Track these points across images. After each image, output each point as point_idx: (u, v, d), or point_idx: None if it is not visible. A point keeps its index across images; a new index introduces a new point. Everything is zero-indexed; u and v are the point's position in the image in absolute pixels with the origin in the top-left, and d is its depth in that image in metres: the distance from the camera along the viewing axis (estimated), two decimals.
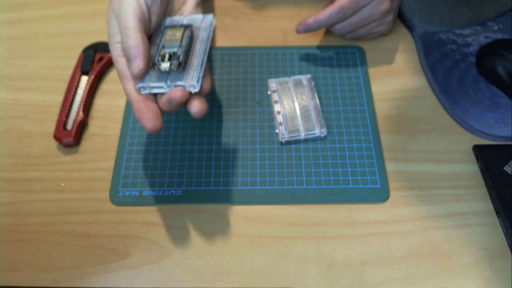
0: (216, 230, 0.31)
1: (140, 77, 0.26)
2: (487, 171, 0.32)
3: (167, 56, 0.26)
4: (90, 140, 0.35)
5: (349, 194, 0.32)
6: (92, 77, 0.37)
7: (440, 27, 0.40)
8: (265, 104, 0.37)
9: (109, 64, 0.39)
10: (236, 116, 0.36)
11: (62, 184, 0.33)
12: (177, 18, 0.30)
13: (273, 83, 0.37)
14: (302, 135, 0.34)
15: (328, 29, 0.40)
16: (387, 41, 0.41)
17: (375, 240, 0.30)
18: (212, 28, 0.29)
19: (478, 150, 0.33)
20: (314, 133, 0.34)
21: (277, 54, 0.40)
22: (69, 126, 0.35)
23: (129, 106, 0.37)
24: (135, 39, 0.26)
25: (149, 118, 0.25)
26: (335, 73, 0.38)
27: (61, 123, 0.35)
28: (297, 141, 0.35)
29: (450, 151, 0.34)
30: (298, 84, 0.37)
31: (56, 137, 0.34)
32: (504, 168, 0.32)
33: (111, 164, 0.34)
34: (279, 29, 0.42)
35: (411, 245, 0.30)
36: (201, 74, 0.27)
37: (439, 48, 0.39)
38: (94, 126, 0.36)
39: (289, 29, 0.42)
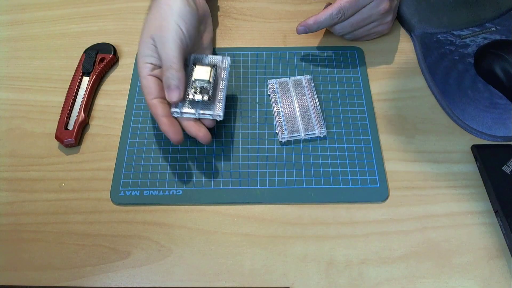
0: (216, 230, 0.31)
1: (175, 104, 0.32)
2: (485, 171, 0.32)
3: (198, 89, 0.32)
4: (91, 140, 0.36)
5: (348, 194, 0.32)
6: (94, 77, 0.38)
7: (438, 28, 0.41)
8: (265, 104, 0.37)
9: (110, 64, 0.40)
10: (236, 116, 0.36)
11: (63, 184, 0.33)
12: (200, 56, 0.35)
13: (273, 84, 0.37)
14: (302, 135, 0.34)
15: (328, 29, 0.40)
16: (386, 42, 0.41)
17: (374, 239, 0.30)
18: (229, 68, 0.35)
19: (477, 150, 0.33)
20: (314, 133, 0.35)
21: (277, 55, 0.40)
22: (70, 127, 0.35)
23: (130, 107, 0.37)
24: (181, 73, 0.31)
25: (175, 132, 0.31)
26: (335, 74, 0.39)
27: (63, 123, 0.35)
28: (297, 141, 0.35)
29: (449, 151, 0.34)
30: (297, 84, 0.37)
31: (58, 137, 0.34)
32: (503, 168, 0.32)
33: (112, 164, 0.34)
34: (279, 30, 0.42)
35: (410, 245, 0.30)
36: (224, 106, 0.33)
37: (438, 49, 0.39)
38: (95, 126, 0.36)
39: (289, 30, 0.42)
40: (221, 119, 0.32)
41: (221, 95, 0.33)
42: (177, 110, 0.32)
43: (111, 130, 0.36)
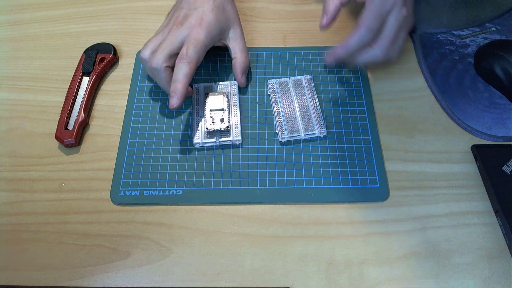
0: (216, 229, 0.31)
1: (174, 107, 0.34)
2: (485, 171, 0.32)
3: (216, 118, 0.35)
4: (91, 140, 0.36)
5: (348, 194, 0.32)
6: (94, 77, 0.38)
7: (438, 28, 0.41)
8: (265, 104, 0.37)
9: (110, 64, 0.40)
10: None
11: (63, 184, 0.33)
12: (209, 84, 0.37)
13: (273, 84, 0.37)
14: (302, 135, 0.34)
15: (368, 65, 0.37)
16: None
17: (374, 239, 0.30)
18: (238, 93, 0.37)
19: (477, 150, 0.33)
20: (314, 133, 0.35)
21: (277, 55, 0.40)
22: (70, 127, 0.35)
23: (130, 107, 0.37)
24: (183, 88, 0.33)
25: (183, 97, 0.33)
26: (335, 74, 0.39)
27: (63, 123, 0.35)
28: (297, 141, 0.35)
29: (448, 151, 0.34)
30: (298, 84, 0.37)
31: (58, 138, 0.34)
32: (503, 168, 0.32)
33: (112, 164, 0.34)
34: (279, 30, 0.42)
35: (410, 245, 0.30)
36: (241, 130, 0.35)
37: (438, 49, 0.39)
38: (95, 126, 0.36)
39: (289, 30, 0.42)
40: (240, 142, 0.34)
41: (237, 121, 0.35)
42: (199, 141, 0.34)
43: (111, 130, 0.36)
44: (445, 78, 0.38)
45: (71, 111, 0.36)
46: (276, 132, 0.35)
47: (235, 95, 0.36)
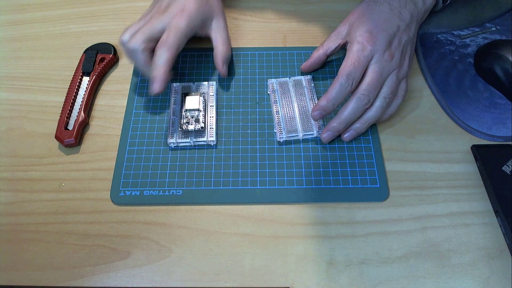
0: (216, 230, 0.31)
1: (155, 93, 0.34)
2: (485, 171, 0.32)
3: (190, 119, 0.35)
4: (91, 140, 0.36)
5: (348, 194, 0.32)
6: (94, 77, 0.38)
7: (438, 28, 0.41)
8: (265, 104, 0.37)
9: (110, 64, 0.40)
10: (236, 116, 0.36)
11: (63, 184, 0.33)
12: (187, 84, 0.38)
13: (273, 83, 0.37)
14: (300, 136, 0.34)
15: (362, 126, 0.33)
16: None
17: (374, 239, 0.30)
18: (216, 94, 0.37)
19: (477, 150, 0.33)
20: (312, 134, 0.35)
21: (277, 55, 0.40)
22: (70, 126, 0.35)
23: (130, 107, 0.37)
24: (164, 74, 0.34)
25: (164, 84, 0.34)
26: (335, 74, 0.39)
27: (63, 123, 0.35)
28: (297, 141, 0.35)
29: (448, 151, 0.34)
30: (297, 84, 0.37)
31: (58, 138, 0.34)
32: (503, 168, 0.32)
33: (112, 164, 0.34)
34: (279, 30, 0.42)
35: (410, 245, 0.30)
36: (216, 131, 0.35)
37: (438, 49, 0.39)
38: (95, 126, 0.36)
39: (289, 30, 0.42)
40: (214, 143, 0.34)
41: (212, 121, 0.35)
42: (173, 141, 0.34)
43: (111, 130, 0.36)
44: (445, 78, 0.38)
45: (71, 111, 0.36)
46: (275, 132, 0.35)
47: (213, 95, 0.37)
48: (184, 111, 0.35)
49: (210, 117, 0.36)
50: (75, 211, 0.32)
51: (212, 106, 0.36)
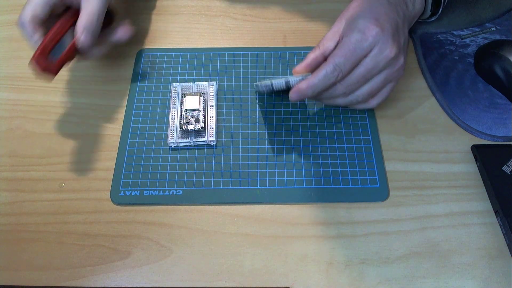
0: (216, 230, 0.31)
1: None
2: (485, 171, 0.32)
3: (190, 119, 0.35)
4: (91, 140, 0.36)
5: (348, 194, 0.32)
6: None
7: (438, 28, 0.41)
8: (265, 104, 0.37)
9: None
10: (236, 116, 0.36)
11: (63, 184, 0.33)
12: (187, 84, 0.37)
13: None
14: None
15: (329, 103, 0.33)
16: None
17: (374, 239, 0.30)
18: (216, 93, 0.37)
19: (477, 150, 0.33)
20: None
21: (277, 55, 0.40)
22: (53, 59, 0.32)
23: (130, 107, 0.37)
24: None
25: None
26: None
27: (46, 50, 0.32)
28: (297, 141, 0.35)
29: (448, 151, 0.34)
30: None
31: (37, 63, 0.31)
32: (503, 168, 0.32)
33: (112, 164, 0.34)
34: (278, 30, 0.42)
35: (410, 245, 0.30)
36: (216, 131, 0.35)
37: (438, 49, 0.39)
38: (95, 126, 0.36)
39: (289, 30, 0.42)
40: (214, 143, 0.34)
41: (212, 121, 0.35)
42: (173, 141, 0.34)
43: (111, 130, 0.36)
44: (445, 78, 0.38)
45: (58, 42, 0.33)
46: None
47: (212, 95, 0.37)
48: (184, 111, 0.35)
49: (210, 117, 0.36)
50: (75, 211, 0.32)
51: (212, 106, 0.36)
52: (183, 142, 0.34)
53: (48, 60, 0.32)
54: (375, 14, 0.29)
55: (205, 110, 0.36)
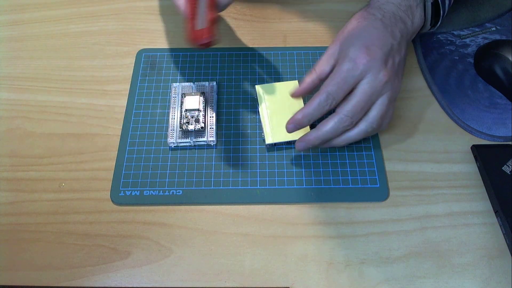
0: (216, 229, 0.31)
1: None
2: (485, 171, 0.32)
3: (190, 119, 0.35)
4: (91, 140, 0.36)
5: (348, 194, 0.32)
6: None
7: (438, 28, 0.41)
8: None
9: None
10: (236, 116, 0.36)
11: (63, 184, 0.33)
12: (187, 84, 0.37)
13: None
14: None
15: (347, 141, 0.31)
16: None
17: (374, 239, 0.30)
18: (216, 93, 0.37)
19: (477, 150, 0.33)
20: None
21: (277, 55, 0.40)
22: (200, 26, 0.30)
23: (130, 107, 0.37)
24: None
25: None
26: None
27: (192, 25, 0.30)
28: None
29: (448, 151, 0.34)
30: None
31: (193, 39, 0.30)
32: (503, 168, 0.32)
33: (112, 164, 0.34)
34: (279, 30, 0.42)
35: (410, 245, 0.30)
36: (216, 130, 0.35)
37: (438, 49, 0.39)
38: (95, 126, 0.36)
39: (289, 30, 0.42)
40: (214, 143, 0.34)
41: (212, 121, 0.35)
42: (173, 141, 0.34)
43: (111, 130, 0.36)
44: (445, 78, 0.38)
45: (195, 11, 0.31)
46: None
47: (212, 95, 0.37)
48: (184, 111, 0.35)
49: (210, 117, 0.36)
50: (75, 211, 0.32)
51: (212, 106, 0.36)
52: (183, 142, 0.34)
53: (200, 31, 0.30)
54: (367, 41, 0.30)
55: (205, 110, 0.36)
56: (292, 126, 0.31)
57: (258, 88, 0.37)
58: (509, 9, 0.42)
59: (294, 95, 0.35)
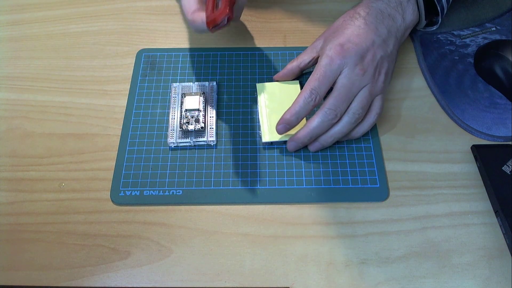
0: (216, 230, 0.31)
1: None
2: (485, 171, 0.32)
3: (190, 119, 0.35)
4: (91, 140, 0.36)
5: (348, 194, 0.32)
6: None
7: (438, 28, 0.41)
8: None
9: None
10: (236, 116, 0.36)
11: (63, 184, 0.33)
12: (187, 85, 0.38)
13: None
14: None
15: (335, 137, 0.33)
16: None
17: (374, 239, 0.30)
18: (216, 93, 0.37)
19: (477, 150, 0.33)
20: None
21: (277, 55, 0.40)
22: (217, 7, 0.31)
23: (130, 107, 0.37)
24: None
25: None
26: None
27: (211, 7, 0.31)
28: None
29: (448, 151, 0.34)
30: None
31: (211, 21, 0.31)
32: (503, 168, 0.32)
33: (112, 164, 0.34)
34: (278, 30, 0.42)
35: (410, 245, 0.30)
36: (216, 130, 0.35)
37: (438, 49, 0.39)
38: (95, 126, 0.36)
39: (289, 30, 0.42)
40: (214, 143, 0.34)
41: (212, 121, 0.35)
42: (173, 141, 0.34)
43: (111, 130, 0.36)
44: (445, 78, 0.38)
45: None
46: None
47: (212, 95, 0.37)
48: (184, 111, 0.35)
49: (210, 117, 0.36)
50: (75, 211, 0.32)
51: (212, 106, 0.36)
52: (183, 142, 0.34)
53: (217, 12, 0.31)
54: (343, 39, 0.32)
55: (205, 110, 0.36)
56: (282, 126, 0.32)
57: (259, 86, 0.37)
58: (509, 9, 0.42)
59: (274, 78, 0.38)
